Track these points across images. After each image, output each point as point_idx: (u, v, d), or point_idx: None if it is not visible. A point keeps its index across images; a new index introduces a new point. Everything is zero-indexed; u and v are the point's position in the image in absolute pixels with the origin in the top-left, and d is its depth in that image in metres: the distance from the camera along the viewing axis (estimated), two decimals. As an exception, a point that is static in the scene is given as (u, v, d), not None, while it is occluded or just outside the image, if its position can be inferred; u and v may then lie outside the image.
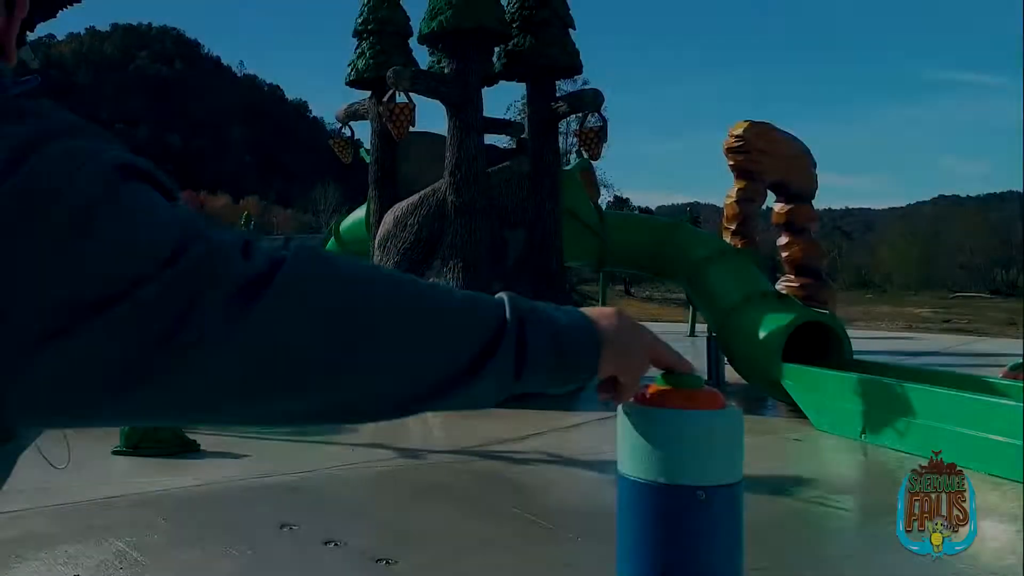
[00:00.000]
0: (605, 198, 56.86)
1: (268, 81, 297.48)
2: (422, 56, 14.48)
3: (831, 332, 12.03)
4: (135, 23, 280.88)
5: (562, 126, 15.25)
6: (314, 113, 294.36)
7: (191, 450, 9.04)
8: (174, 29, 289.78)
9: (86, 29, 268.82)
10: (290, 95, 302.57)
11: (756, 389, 12.65)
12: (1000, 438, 7.97)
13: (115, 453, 8.91)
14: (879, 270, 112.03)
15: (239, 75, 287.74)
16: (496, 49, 13.49)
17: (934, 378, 10.95)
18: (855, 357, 12.30)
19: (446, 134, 12.85)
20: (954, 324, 40.13)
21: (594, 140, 12.61)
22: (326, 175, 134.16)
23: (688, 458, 1.79)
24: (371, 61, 13.76)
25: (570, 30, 13.40)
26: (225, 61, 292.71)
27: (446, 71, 12.85)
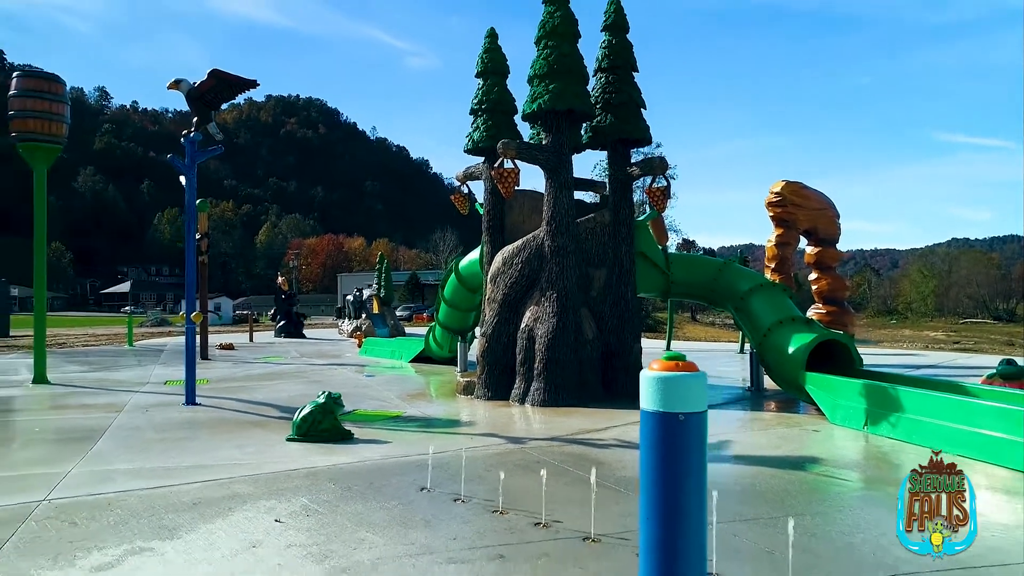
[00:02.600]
0: (675, 240, 57.02)
1: (396, 143, 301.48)
2: (525, 129, 15.11)
3: (844, 348, 12.37)
4: (286, 95, 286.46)
5: (636, 184, 15.70)
6: (434, 170, 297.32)
7: (347, 438, 9.52)
8: (318, 100, 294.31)
9: (245, 100, 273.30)
10: (414, 155, 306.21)
11: (787, 393, 12.99)
12: (963, 427, 8.59)
13: (289, 440, 9.44)
14: (901, 300, 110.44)
15: (372, 138, 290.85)
16: (584, 124, 13.89)
17: (922, 383, 11.39)
18: (867, 367, 12.68)
19: (544, 192, 13.20)
20: (962, 345, 39.59)
21: (660, 197, 12.98)
22: (444, 221, 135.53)
23: (674, 397, 2.64)
24: (484, 133, 14.26)
25: (642, 110, 13.68)
26: (360, 127, 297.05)
27: (544, 142, 13.20)
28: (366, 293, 38.19)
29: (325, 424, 9.53)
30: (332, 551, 5.11)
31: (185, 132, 13.05)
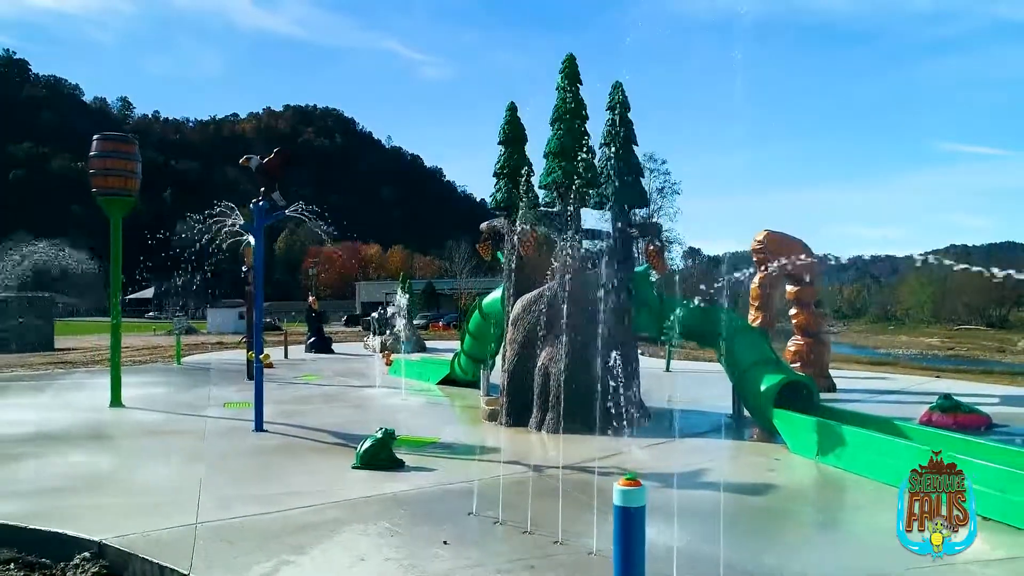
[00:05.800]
0: (679, 251, 58.49)
1: (410, 151, 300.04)
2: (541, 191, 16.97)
3: (806, 387, 14.18)
4: (303, 104, 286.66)
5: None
6: (448, 177, 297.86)
7: (400, 467, 11.20)
8: (335, 109, 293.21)
9: (263, 109, 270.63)
10: (428, 163, 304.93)
11: (759, 422, 14.59)
12: (886, 458, 10.61)
13: (354, 468, 11.13)
14: (900, 306, 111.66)
15: (387, 146, 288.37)
16: (591, 191, 15.50)
17: (862, 420, 13.18)
18: (840, 390, 14.49)
19: (558, 247, 14.95)
20: (956, 351, 40.46)
21: (655, 256, 14.92)
22: (456, 227, 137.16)
23: (628, 499, 4.95)
24: (506, 195, 16.24)
25: (641, 178, 15.57)
26: (376, 135, 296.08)
27: (557, 206, 15.07)
28: (390, 311, 40.16)
29: (383, 455, 11.34)
30: (416, 564, 7.20)
31: (254, 200, 15.08)
